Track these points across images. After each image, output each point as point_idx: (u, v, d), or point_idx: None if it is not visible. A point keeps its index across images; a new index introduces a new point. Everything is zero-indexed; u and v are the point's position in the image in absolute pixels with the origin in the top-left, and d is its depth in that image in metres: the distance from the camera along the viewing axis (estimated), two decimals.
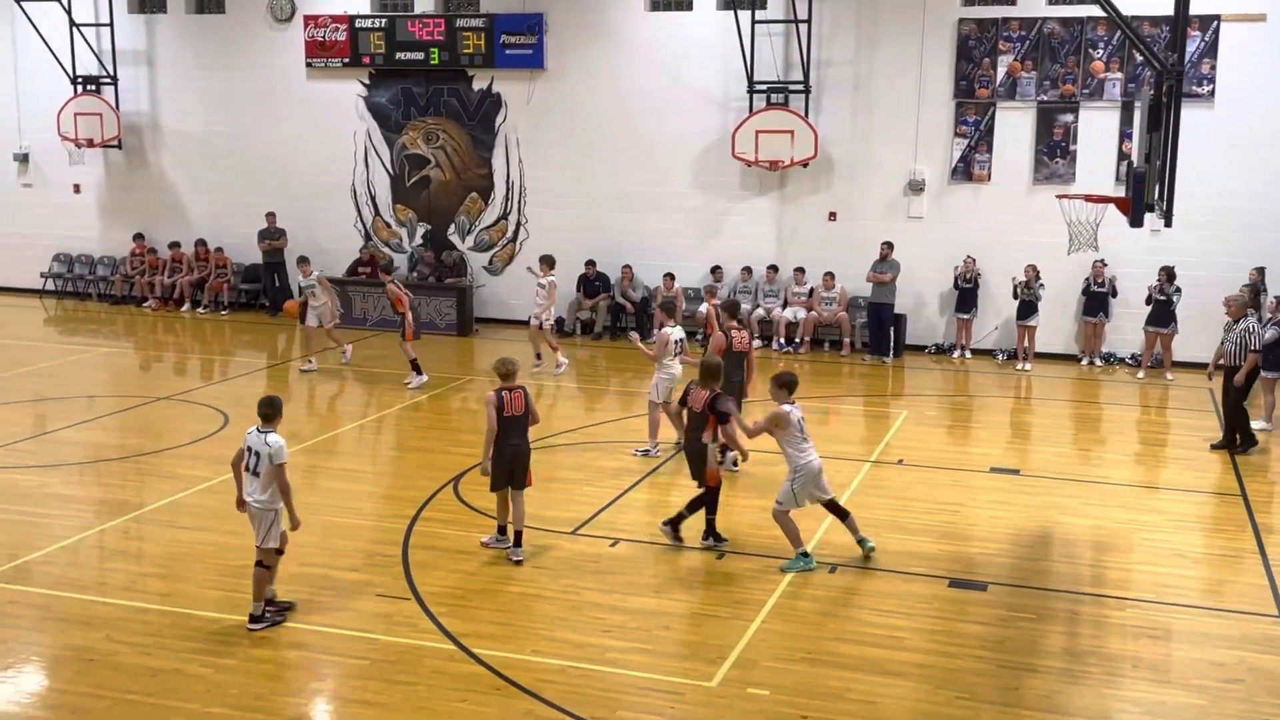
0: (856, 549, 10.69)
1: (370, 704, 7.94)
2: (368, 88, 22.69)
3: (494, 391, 10.25)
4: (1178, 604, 9.85)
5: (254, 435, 9.09)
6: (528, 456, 10.45)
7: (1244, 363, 14.20)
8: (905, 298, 19.98)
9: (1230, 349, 14.46)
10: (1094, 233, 13.43)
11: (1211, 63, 18.54)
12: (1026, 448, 14.94)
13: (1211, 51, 18.51)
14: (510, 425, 10.24)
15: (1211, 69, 18.56)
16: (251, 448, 9.06)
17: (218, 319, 22.79)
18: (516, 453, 10.33)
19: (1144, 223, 11.59)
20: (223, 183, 23.67)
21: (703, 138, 20.92)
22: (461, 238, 22.71)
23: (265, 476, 9.00)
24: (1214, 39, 18.46)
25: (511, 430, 10.26)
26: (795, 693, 8.11)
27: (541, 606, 9.52)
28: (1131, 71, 18.93)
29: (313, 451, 13.80)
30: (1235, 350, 14.36)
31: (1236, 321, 14.44)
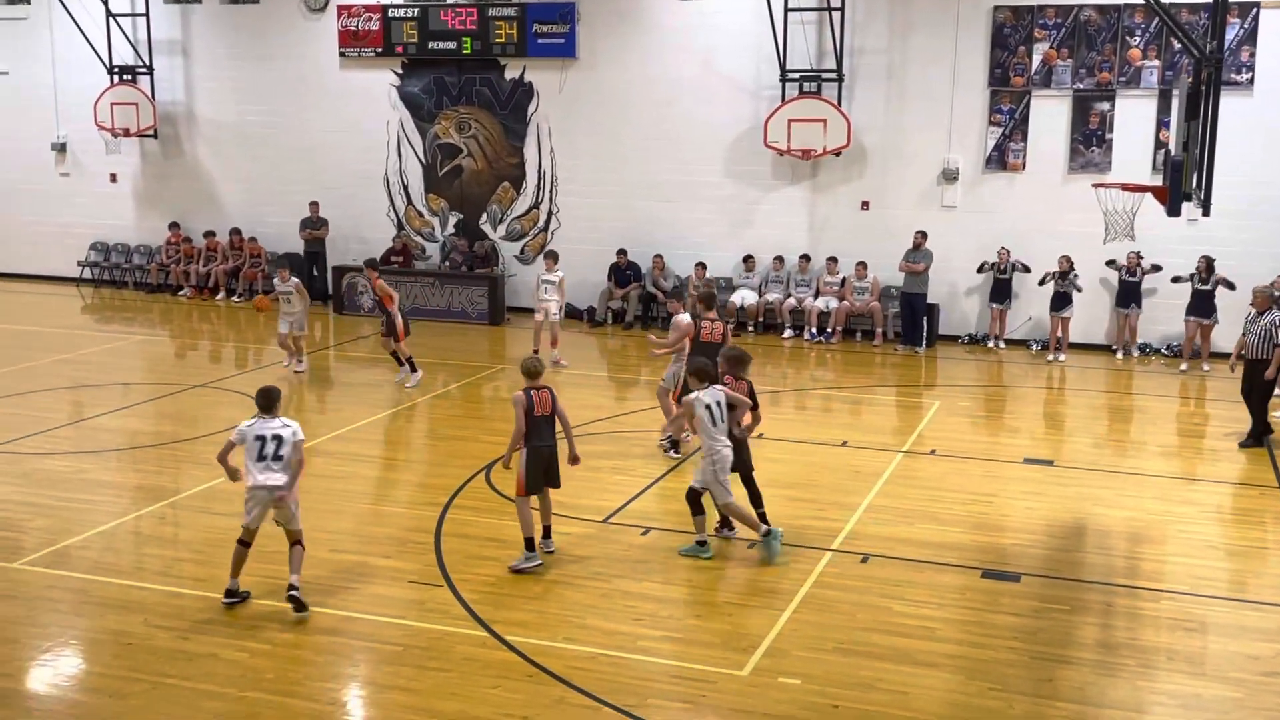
0: (891, 541, 10.68)
1: (403, 690, 7.99)
2: (400, 77, 22.76)
3: (522, 391, 10.04)
4: (1214, 596, 9.77)
5: (270, 423, 9.17)
6: (557, 455, 10.29)
7: (1267, 355, 13.76)
8: (938, 287, 19.87)
9: (1254, 341, 14.00)
10: (1130, 222, 13.31)
11: (1250, 50, 18.32)
12: (1060, 439, 14.83)
13: (1251, 39, 18.29)
14: (540, 425, 10.03)
15: (1250, 56, 18.33)
16: (270, 435, 9.15)
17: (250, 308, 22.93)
18: (551, 453, 10.11)
19: (1181, 212, 11.48)
20: (257, 172, 23.83)
21: (735, 126, 20.86)
22: (493, 227, 22.76)
23: (291, 460, 9.11)
24: (1253, 26, 18.24)
25: (542, 430, 10.04)
26: (827, 682, 8.11)
27: (573, 595, 9.55)
28: (1169, 59, 18.73)
29: (345, 439, 13.88)
30: (1259, 343, 13.92)
31: (1261, 314, 14.05)
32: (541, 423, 10.02)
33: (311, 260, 23.06)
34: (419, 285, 21.95)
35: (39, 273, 25.51)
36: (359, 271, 22.26)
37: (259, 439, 9.18)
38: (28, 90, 24.92)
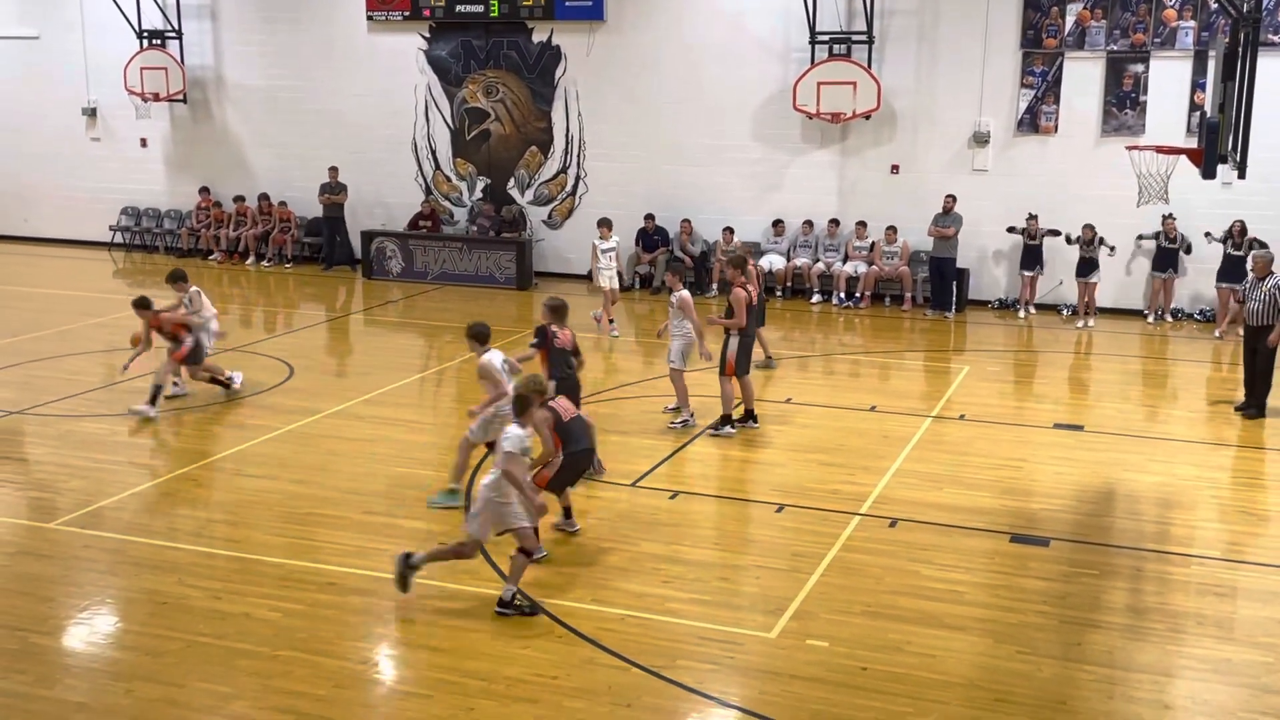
0: (919, 505, 10.69)
1: (435, 649, 8.07)
2: (428, 41, 22.71)
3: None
4: (1244, 561, 9.73)
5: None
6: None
7: (1271, 321, 13.46)
8: (968, 252, 19.73)
9: (1256, 307, 13.65)
10: (1164, 185, 13.16)
11: None
12: (1090, 404, 14.75)
13: None
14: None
15: None
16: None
17: (281, 272, 23.07)
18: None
19: (1216, 174, 11.34)
20: (285, 137, 23.87)
21: (763, 89, 20.71)
22: (521, 192, 22.74)
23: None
24: None
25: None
26: (854, 645, 8.14)
27: (601, 557, 9.60)
28: (1205, 19, 18.44)
29: (376, 403, 13.96)
30: (1262, 309, 13.60)
31: (1262, 279, 13.69)
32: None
33: (331, 225, 23.11)
34: (447, 250, 21.99)
35: (71, 237, 25.71)
36: (388, 236, 22.37)
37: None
38: (58, 55, 25.02)
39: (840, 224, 20.58)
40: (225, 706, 7.34)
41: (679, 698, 7.50)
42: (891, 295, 20.37)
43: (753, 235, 21.01)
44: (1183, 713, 7.39)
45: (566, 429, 9.60)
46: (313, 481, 11.31)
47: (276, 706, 7.33)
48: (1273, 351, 13.57)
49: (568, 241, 22.46)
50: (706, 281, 20.92)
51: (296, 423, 13.11)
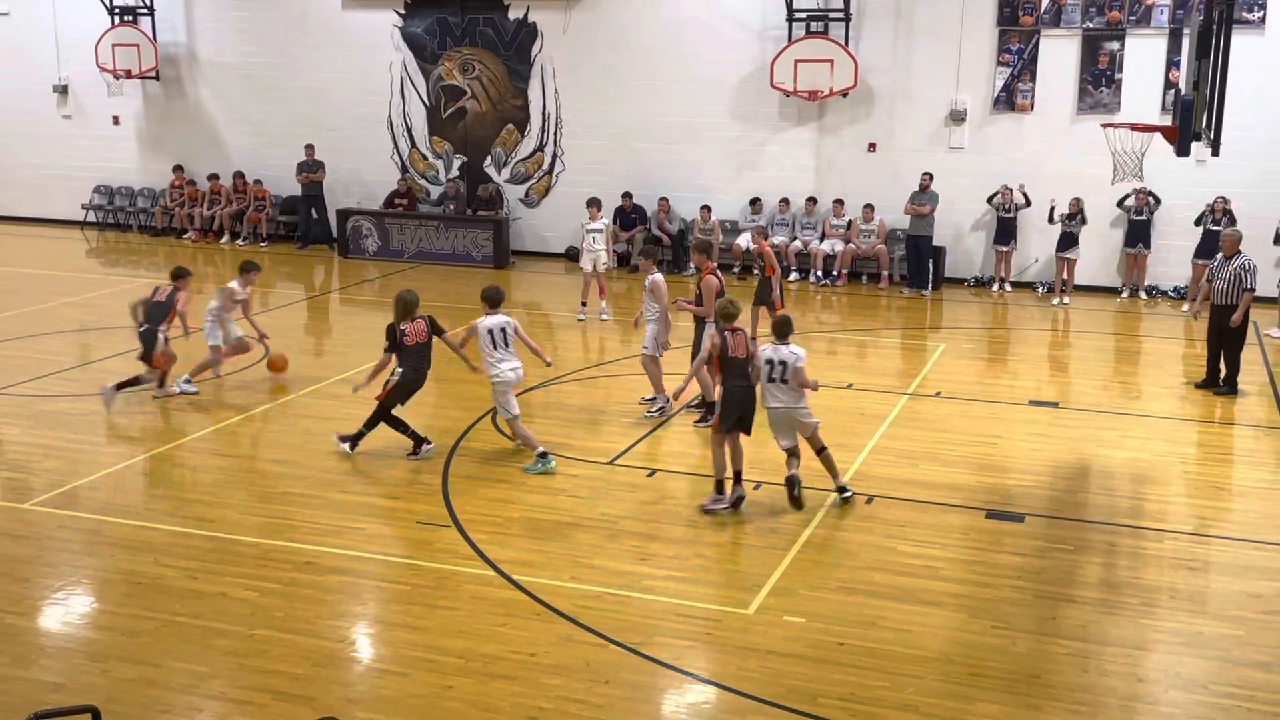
0: (895, 482, 10.75)
1: (412, 628, 8.08)
2: (403, 18, 22.55)
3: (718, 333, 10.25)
4: (1217, 536, 9.82)
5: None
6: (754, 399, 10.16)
7: (1236, 301, 13.48)
8: (944, 230, 19.79)
9: (1222, 286, 13.66)
10: (1139, 163, 13.19)
11: None
12: (1066, 381, 14.84)
13: None
14: (734, 366, 10.02)
15: None
16: (775, 359, 9.83)
17: (256, 251, 22.93)
18: (746, 395, 10.03)
19: (1190, 152, 11.38)
20: (260, 115, 23.68)
21: (740, 67, 20.67)
22: (498, 170, 22.65)
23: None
24: None
25: (737, 372, 10.03)
26: (831, 620, 8.18)
27: (579, 535, 9.61)
28: None
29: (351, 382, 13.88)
30: (1227, 288, 13.61)
31: (1229, 258, 13.71)
32: (734, 364, 10.03)
33: (310, 204, 22.97)
34: (423, 229, 21.90)
35: (43, 216, 25.46)
36: (363, 214, 22.25)
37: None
38: (28, 31, 24.72)
39: (817, 202, 20.59)
40: (202, 686, 7.33)
41: (657, 674, 7.53)
42: (868, 273, 20.41)
43: (730, 213, 21.01)
44: (1155, 686, 7.47)
45: (729, 363, 10.06)
46: (289, 460, 11.27)
47: (253, 685, 7.32)
48: (1238, 330, 13.63)
49: (545, 220, 22.41)
50: (684, 260, 20.91)
51: (272, 402, 13.06)
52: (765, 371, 9.94)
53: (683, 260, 20.89)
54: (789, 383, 9.85)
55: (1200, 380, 14.05)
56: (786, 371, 9.84)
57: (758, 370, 10.03)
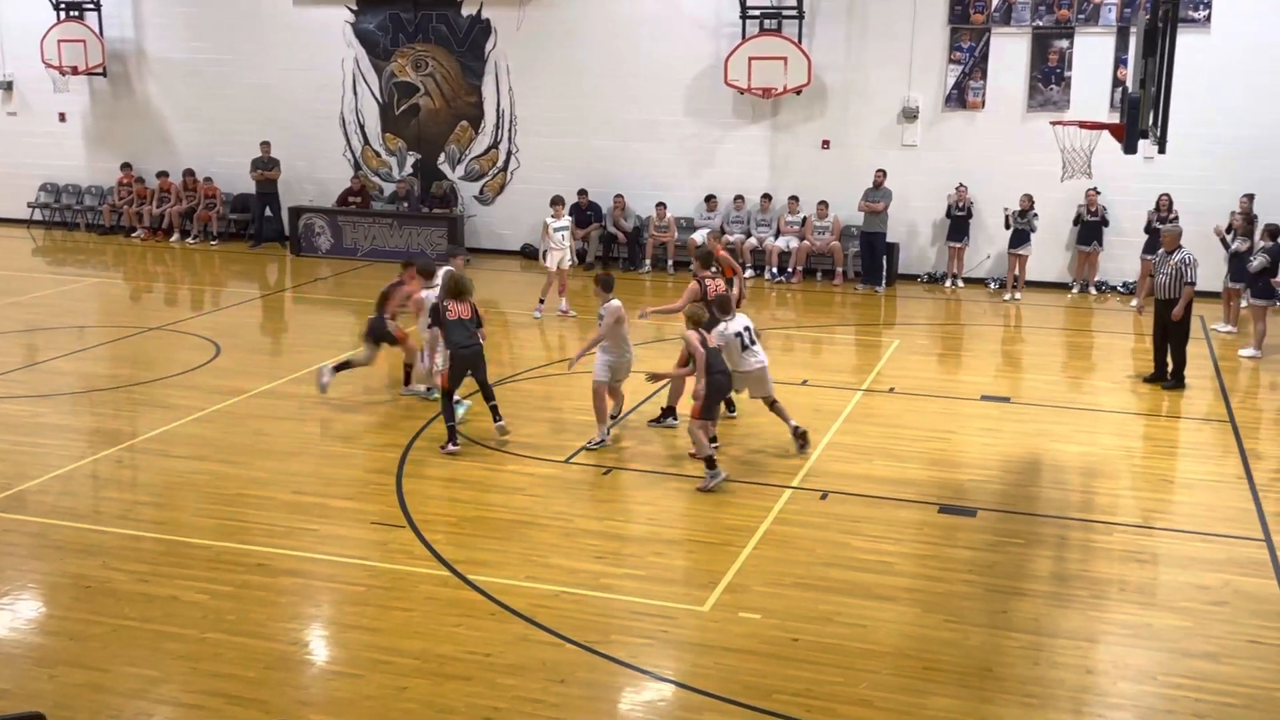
0: (850, 478, 10.82)
1: (366, 629, 8.02)
2: (355, 14, 22.38)
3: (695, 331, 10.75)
4: (1165, 529, 9.96)
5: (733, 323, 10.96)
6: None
7: (1178, 295, 13.66)
8: (898, 226, 19.93)
9: (1164, 281, 13.87)
10: (1088, 160, 13.34)
11: None
12: (1017, 376, 14.99)
13: None
14: (713, 359, 10.66)
15: None
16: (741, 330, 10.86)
17: (207, 249, 22.69)
18: (725, 383, 10.85)
19: (1138, 149, 11.52)
20: (210, 111, 23.41)
21: (695, 64, 20.69)
22: (452, 167, 22.54)
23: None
24: None
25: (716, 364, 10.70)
26: (786, 616, 8.22)
27: (535, 534, 9.59)
28: None
29: (306, 381, 13.79)
30: (1169, 283, 13.81)
31: (1170, 253, 13.90)
32: (712, 356, 10.68)
33: (264, 201, 22.75)
34: (377, 226, 21.76)
35: None
36: (316, 212, 22.07)
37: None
38: None
39: (772, 199, 20.66)
40: (152, 690, 7.24)
41: (613, 672, 7.53)
42: (823, 270, 20.51)
43: (686, 210, 21.03)
44: (1104, 677, 7.56)
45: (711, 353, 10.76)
46: (241, 462, 11.17)
47: (205, 689, 7.24)
48: (1182, 324, 13.82)
49: (500, 218, 22.34)
50: (640, 257, 20.92)
51: (224, 402, 12.92)
52: (738, 344, 10.93)
53: (639, 257, 20.90)
54: (758, 341, 11.13)
55: (1148, 375, 14.24)
56: (753, 332, 11.14)
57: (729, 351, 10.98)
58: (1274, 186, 17.99)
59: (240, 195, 23.36)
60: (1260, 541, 9.61)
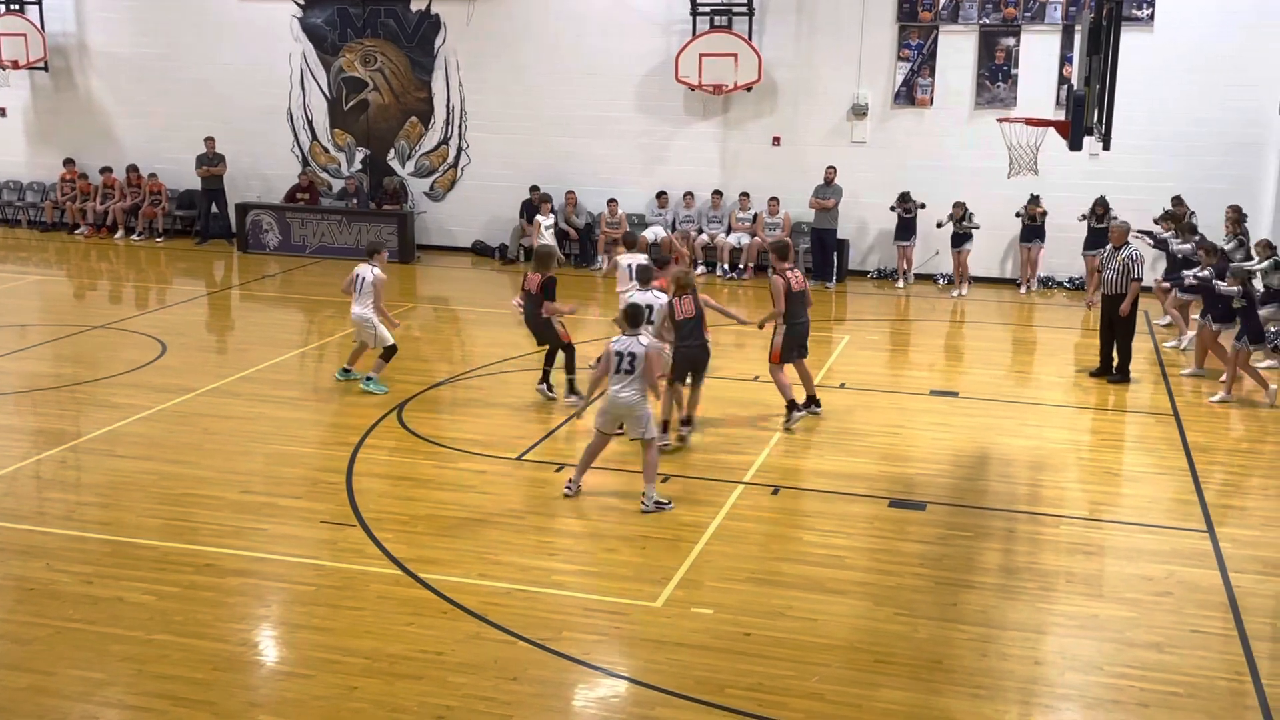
0: (801, 473, 10.86)
1: (316, 629, 7.95)
2: (303, 8, 22.16)
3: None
4: (1111, 521, 10.10)
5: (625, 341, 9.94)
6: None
7: (1125, 290, 13.82)
8: (848, 223, 20.05)
9: (1111, 276, 14.03)
10: (1034, 156, 13.49)
11: None
12: (965, 371, 15.13)
13: None
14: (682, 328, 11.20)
15: None
16: (624, 351, 9.85)
17: (152, 246, 22.39)
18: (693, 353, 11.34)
19: (1083, 146, 11.66)
20: (155, 106, 23.09)
21: (646, 61, 20.69)
22: (401, 163, 22.39)
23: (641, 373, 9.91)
24: None
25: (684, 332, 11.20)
26: (738, 611, 8.24)
27: (487, 531, 9.55)
28: None
29: (254, 380, 13.66)
30: (1116, 278, 13.98)
31: (1118, 249, 14.06)
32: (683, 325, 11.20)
33: (210, 198, 22.48)
34: (326, 223, 21.57)
35: None
36: (264, 209, 21.85)
37: (616, 355, 9.90)
38: None
39: (723, 195, 20.71)
40: (97, 693, 7.13)
41: (566, 669, 7.52)
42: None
43: (637, 207, 21.03)
44: (1052, 668, 7.65)
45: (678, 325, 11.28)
46: (188, 461, 11.03)
47: (152, 692, 7.15)
48: (1128, 319, 14.01)
49: (450, 214, 22.22)
50: (592, 253, 20.90)
51: (170, 401, 12.76)
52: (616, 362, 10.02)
53: (591, 254, 20.88)
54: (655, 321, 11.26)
55: (1094, 369, 14.43)
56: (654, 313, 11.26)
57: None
58: (1218, 183, 18.31)
59: (186, 191, 23.07)
60: (1203, 532, 9.77)
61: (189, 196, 23.03)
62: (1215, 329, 14.07)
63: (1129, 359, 14.19)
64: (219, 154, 22.30)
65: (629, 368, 9.91)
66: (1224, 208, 17.42)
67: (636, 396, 9.91)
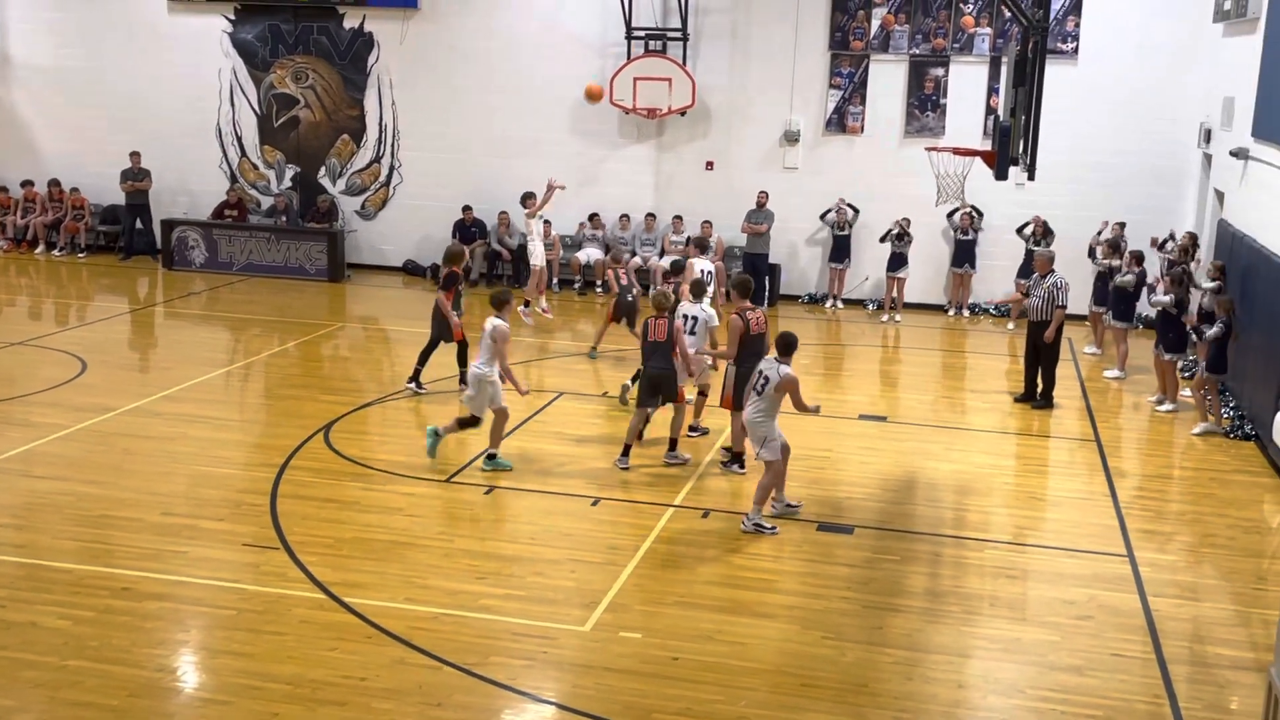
0: (731, 496, 10.89)
1: (236, 654, 7.79)
2: (233, 23, 21.91)
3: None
4: (1034, 545, 10.24)
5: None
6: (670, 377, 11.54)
7: (1050, 317, 14.06)
8: (780, 248, 20.20)
9: (1037, 303, 14.28)
10: (961, 185, 13.71)
11: (1075, 20, 19.03)
12: (894, 395, 15.29)
13: (1075, 9, 18.99)
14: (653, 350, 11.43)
15: (1075, 26, 19.05)
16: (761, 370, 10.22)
17: (74, 262, 21.93)
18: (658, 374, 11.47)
19: (1009, 176, 11.88)
20: (79, 120, 22.65)
21: (580, 83, 20.55)
22: (332, 181, 22.17)
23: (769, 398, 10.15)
24: None
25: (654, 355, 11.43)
26: (667, 635, 8.22)
27: (414, 555, 9.44)
28: (1000, 27, 19.33)
29: (177, 399, 13.41)
30: (1042, 305, 14.22)
31: (1044, 277, 14.33)
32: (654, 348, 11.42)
33: (135, 213, 22.08)
34: (254, 240, 21.28)
35: None
36: (190, 225, 21.52)
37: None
38: None
39: (656, 218, 20.78)
40: None
41: (491, 695, 7.44)
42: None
43: (570, 229, 21.03)
44: (975, 692, 7.73)
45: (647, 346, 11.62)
46: (106, 482, 10.78)
47: (65, 719, 6.95)
48: (1052, 346, 14.26)
49: (382, 233, 22.04)
50: (524, 276, 20.80)
51: (89, 420, 12.47)
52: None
53: (523, 276, 20.79)
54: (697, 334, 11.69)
55: (1019, 394, 14.65)
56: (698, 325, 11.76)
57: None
58: (1139, 213, 18.71)
59: (110, 207, 22.64)
60: (1123, 557, 9.94)
61: (113, 212, 22.60)
62: (1168, 358, 14.32)
63: (1053, 385, 14.43)
64: (144, 169, 21.93)
65: (759, 389, 10.24)
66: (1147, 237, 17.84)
67: (760, 417, 10.18)
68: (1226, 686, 7.87)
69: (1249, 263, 13.98)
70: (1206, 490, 11.77)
